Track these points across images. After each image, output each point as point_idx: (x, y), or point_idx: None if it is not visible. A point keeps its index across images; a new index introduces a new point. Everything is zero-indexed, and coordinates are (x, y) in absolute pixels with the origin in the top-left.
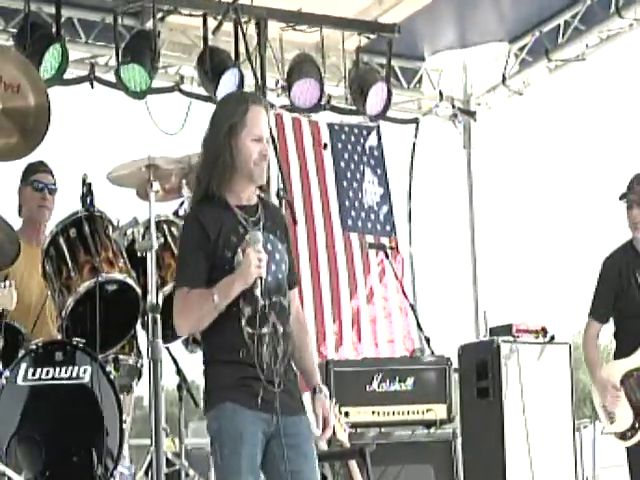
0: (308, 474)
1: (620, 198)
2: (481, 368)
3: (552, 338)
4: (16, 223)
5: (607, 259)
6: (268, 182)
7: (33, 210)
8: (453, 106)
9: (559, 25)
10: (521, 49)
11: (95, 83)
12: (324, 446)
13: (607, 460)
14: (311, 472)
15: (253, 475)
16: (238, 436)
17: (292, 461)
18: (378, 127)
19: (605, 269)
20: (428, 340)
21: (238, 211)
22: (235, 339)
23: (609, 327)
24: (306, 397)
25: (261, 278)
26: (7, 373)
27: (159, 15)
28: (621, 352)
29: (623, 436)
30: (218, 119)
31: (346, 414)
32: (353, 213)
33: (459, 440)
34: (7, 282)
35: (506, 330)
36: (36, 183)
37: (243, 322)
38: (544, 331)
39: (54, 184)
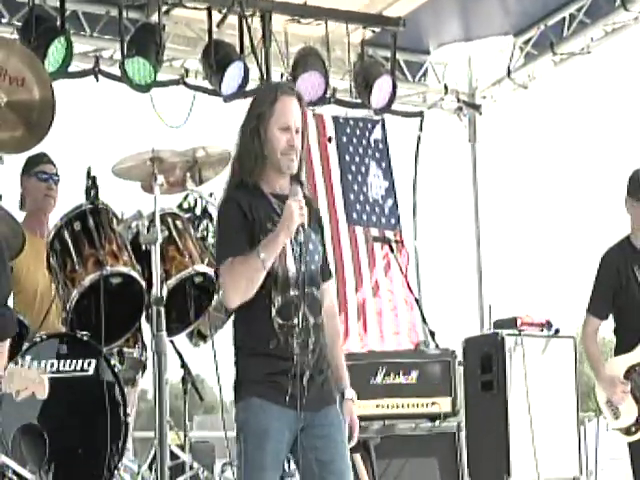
0: (339, 463)
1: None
2: (485, 361)
3: (557, 331)
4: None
5: (604, 255)
6: (300, 173)
7: (39, 200)
8: (458, 99)
9: (564, 18)
10: (526, 42)
11: (100, 76)
12: None
13: (611, 453)
14: (342, 461)
15: (276, 471)
16: (263, 432)
17: (322, 451)
18: (383, 120)
19: (603, 266)
20: (433, 333)
21: (273, 199)
22: (265, 330)
23: (610, 322)
24: None
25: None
26: (12, 365)
27: (164, 8)
28: (622, 348)
29: (628, 431)
30: (250, 109)
31: None
32: (358, 206)
33: (463, 433)
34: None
35: (511, 323)
36: (41, 174)
37: (274, 312)
38: (549, 324)
39: (57, 174)
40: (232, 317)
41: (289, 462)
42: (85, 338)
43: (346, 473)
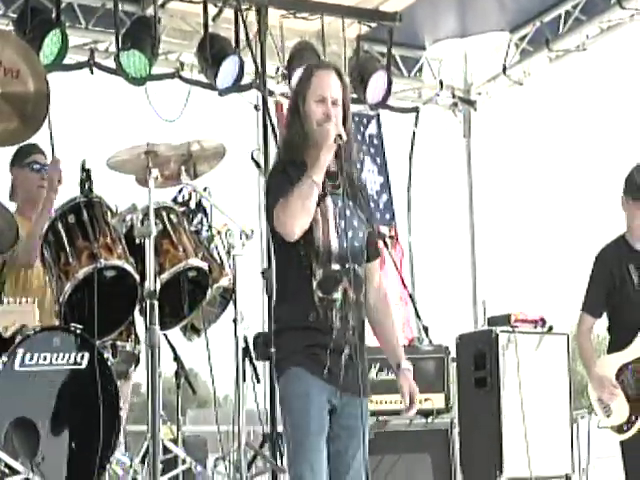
0: (358, 459)
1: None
2: (479, 358)
3: (550, 328)
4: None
5: (600, 253)
6: (340, 147)
7: (32, 191)
8: (453, 95)
9: (560, 15)
10: (522, 39)
11: (95, 69)
12: None
13: (604, 451)
14: (355, 455)
15: (322, 435)
16: (306, 397)
17: (343, 442)
18: (378, 115)
19: (598, 264)
20: (426, 329)
21: None
22: (306, 303)
23: (605, 319)
24: None
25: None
26: (4, 358)
27: (160, 1)
28: (615, 346)
29: (619, 429)
30: (292, 92)
31: None
32: None
33: (456, 430)
34: (29, 299)
35: (504, 320)
36: (34, 164)
37: (314, 285)
38: (542, 321)
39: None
40: (276, 293)
41: (281, 457)
42: (78, 331)
43: (362, 469)
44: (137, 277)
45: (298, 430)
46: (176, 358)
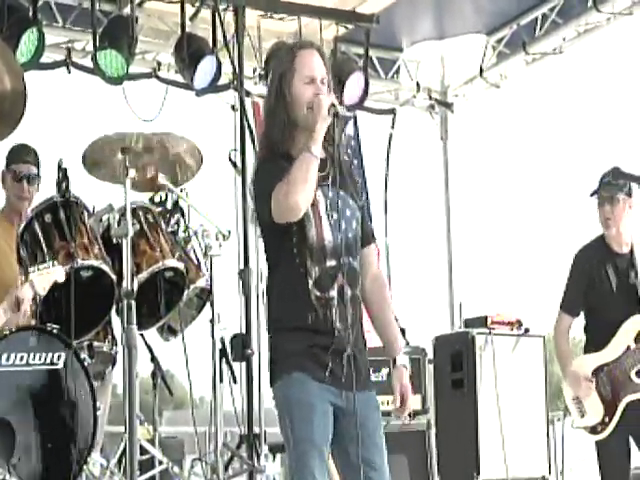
0: (374, 452)
1: (591, 194)
2: (456, 359)
3: (527, 330)
4: None
5: (578, 253)
6: (332, 132)
7: (11, 199)
8: (430, 97)
9: (537, 18)
10: (498, 41)
11: (72, 68)
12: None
13: (581, 453)
14: (377, 449)
15: (325, 444)
16: (309, 405)
17: (361, 442)
18: (355, 117)
19: (576, 263)
20: (403, 331)
21: None
22: (303, 303)
23: (580, 320)
24: None
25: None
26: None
27: (137, 0)
28: (591, 347)
29: (593, 430)
30: (271, 75)
31: None
32: None
33: (433, 431)
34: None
35: (481, 322)
36: (16, 173)
37: (310, 284)
38: (519, 323)
39: (36, 173)
40: (266, 293)
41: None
42: (55, 331)
43: (383, 462)
44: (114, 277)
45: (301, 441)
46: (153, 359)
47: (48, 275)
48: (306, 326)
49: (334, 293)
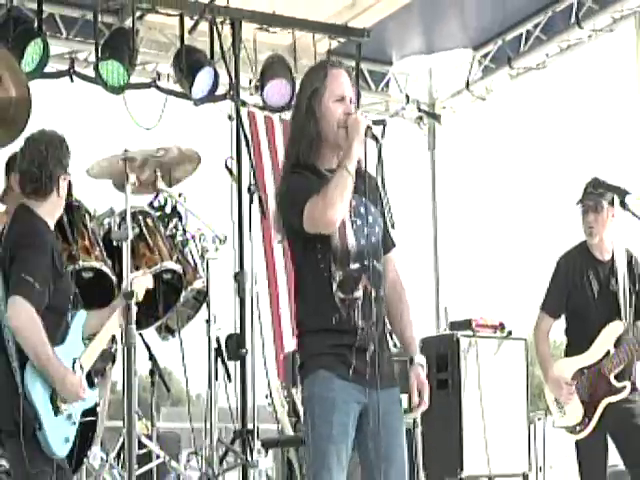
0: (395, 449)
1: (577, 203)
2: (441, 361)
3: (509, 333)
4: None
5: (562, 258)
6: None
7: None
8: (419, 109)
9: (521, 34)
10: (484, 56)
11: (75, 77)
12: (289, 431)
13: (561, 451)
14: (398, 447)
15: (344, 443)
16: (330, 403)
17: (381, 439)
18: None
19: (560, 267)
20: (391, 333)
21: (329, 174)
22: (327, 305)
23: (561, 323)
24: None
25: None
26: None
27: (138, 13)
28: (572, 350)
29: (573, 430)
30: (301, 91)
31: None
32: None
33: (419, 429)
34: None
35: (465, 325)
36: None
37: (334, 287)
38: (502, 326)
39: None
40: (293, 296)
41: (251, 453)
42: None
43: (403, 460)
44: (114, 278)
45: (319, 436)
46: (151, 357)
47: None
48: (330, 327)
49: (359, 294)
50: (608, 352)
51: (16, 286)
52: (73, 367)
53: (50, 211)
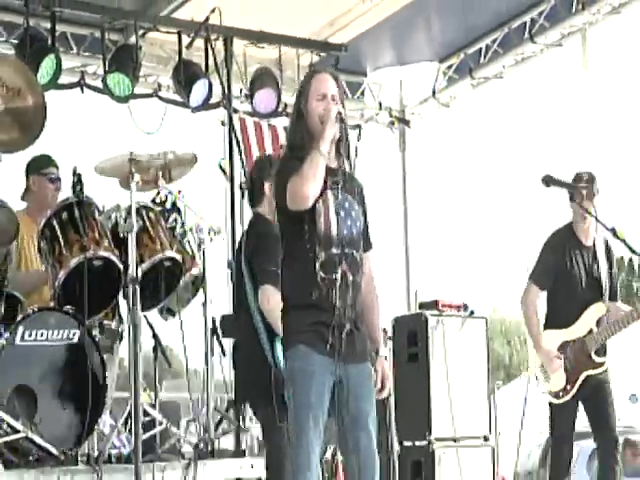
0: (364, 415)
1: (570, 189)
2: (412, 337)
3: (472, 313)
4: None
5: (551, 236)
6: (343, 144)
7: (47, 197)
8: (390, 115)
9: (481, 48)
10: (449, 68)
11: (85, 88)
12: None
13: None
14: (367, 414)
15: (320, 409)
16: (308, 375)
17: (352, 407)
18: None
19: (549, 243)
20: (385, 331)
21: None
22: (309, 282)
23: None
24: None
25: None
26: (7, 335)
27: (140, 31)
28: (554, 322)
29: (556, 395)
30: (295, 97)
31: None
32: None
33: (392, 397)
34: None
35: (433, 305)
36: (51, 175)
37: (317, 266)
38: (465, 307)
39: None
40: (280, 273)
41: (243, 420)
42: (70, 311)
43: (371, 425)
44: (121, 266)
45: (299, 405)
46: (154, 336)
47: None
48: (311, 302)
49: (337, 276)
50: (591, 330)
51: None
52: None
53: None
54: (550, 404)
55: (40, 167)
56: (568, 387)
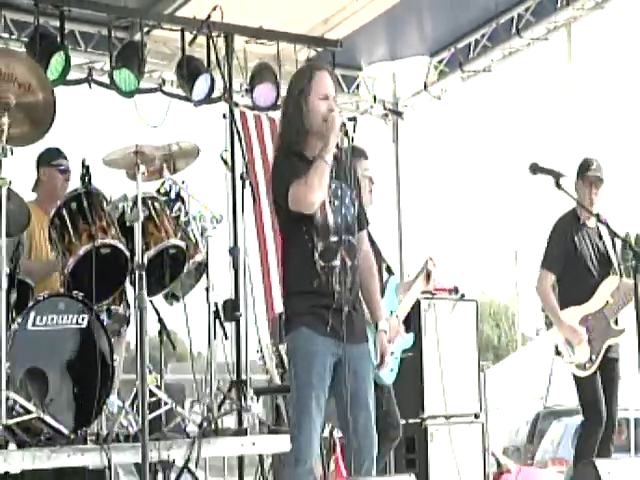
0: (363, 394)
1: (580, 177)
2: (405, 319)
3: (462, 296)
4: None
5: (558, 221)
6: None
7: (57, 188)
8: (384, 107)
9: (470, 43)
10: (440, 62)
11: (92, 84)
12: (277, 381)
13: (505, 395)
14: (365, 393)
15: (322, 388)
16: (310, 356)
17: (351, 386)
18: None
19: (556, 230)
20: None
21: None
22: (309, 271)
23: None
24: None
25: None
26: (19, 320)
27: (145, 29)
28: (568, 299)
29: (583, 367)
30: (290, 90)
31: None
32: None
33: None
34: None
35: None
36: (61, 166)
37: (316, 256)
38: (456, 290)
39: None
40: (282, 263)
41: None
42: (80, 297)
43: (369, 404)
44: (127, 253)
45: (302, 385)
46: (159, 320)
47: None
48: (312, 289)
49: (336, 263)
50: (607, 302)
51: None
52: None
53: None
54: (577, 379)
55: (50, 159)
56: (593, 357)
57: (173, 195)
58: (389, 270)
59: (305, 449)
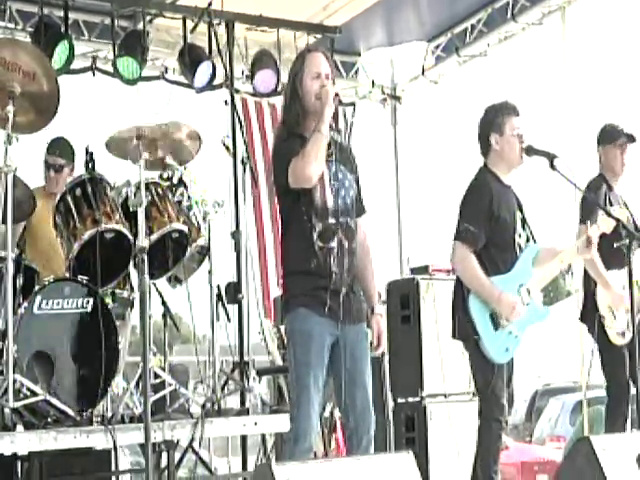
0: (360, 374)
1: (609, 142)
2: (404, 300)
3: None
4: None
5: (586, 189)
6: (336, 119)
7: (48, 181)
8: (383, 92)
9: (466, 28)
10: (437, 47)
11: (96, 72)
12: (279, 362)
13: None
14: (362, 372)
15: (320, 367)
16: (308, 335)
17: (349, 366)
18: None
19: (586, 199)
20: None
21: None
22: (308, 251)
23: None
24: None
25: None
26: (25, 304)
27: (148, 18)
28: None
29: (622, 334)
30: (288, 76)
31: None
32: None
33: (387, 357)
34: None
35: (424, 270)
36: (47, 162)
37: (315, 236)
38: (453, 271)
39: (62, 164)
40: (281, 243)
41: (247, 380)
42: (84, 282)
43: (366, 383)
44: (131, 238)
45: (300, 364)
46: (163, 303)
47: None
48: (310, 270)
49: (334, 244)
50: None
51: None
52: (519, 291)
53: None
54: (608, 349)
55: (46, 152)
56: (630, 325)
57: (175, 180)
58: (529, 238)
59: (304, 427)
